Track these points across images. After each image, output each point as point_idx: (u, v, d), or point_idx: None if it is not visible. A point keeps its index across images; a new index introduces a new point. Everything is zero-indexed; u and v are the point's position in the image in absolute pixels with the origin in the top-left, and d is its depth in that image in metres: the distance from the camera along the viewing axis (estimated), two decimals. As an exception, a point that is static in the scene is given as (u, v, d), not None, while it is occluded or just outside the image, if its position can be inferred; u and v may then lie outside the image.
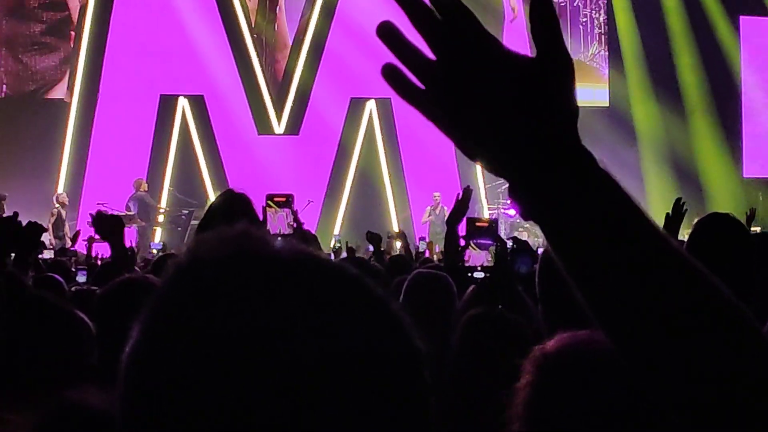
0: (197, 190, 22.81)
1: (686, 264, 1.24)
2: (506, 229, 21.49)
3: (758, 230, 11.94)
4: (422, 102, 1.27)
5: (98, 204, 21.05)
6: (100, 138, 23.12)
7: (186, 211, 21.72)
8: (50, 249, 16.33)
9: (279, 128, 24.38)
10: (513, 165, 1.26)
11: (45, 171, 22.30)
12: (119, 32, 23.55)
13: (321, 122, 24.36)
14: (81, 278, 8.55)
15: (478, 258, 4.89)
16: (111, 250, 5.53)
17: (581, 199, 1.24)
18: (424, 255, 13.93)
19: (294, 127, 24.45)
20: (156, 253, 14.81)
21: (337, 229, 23.20)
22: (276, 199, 4.92)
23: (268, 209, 4.90)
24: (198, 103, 23.99)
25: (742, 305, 1.23)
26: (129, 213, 20.94)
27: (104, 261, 14.18)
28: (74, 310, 3.28)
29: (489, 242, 4.91)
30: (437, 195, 23.14)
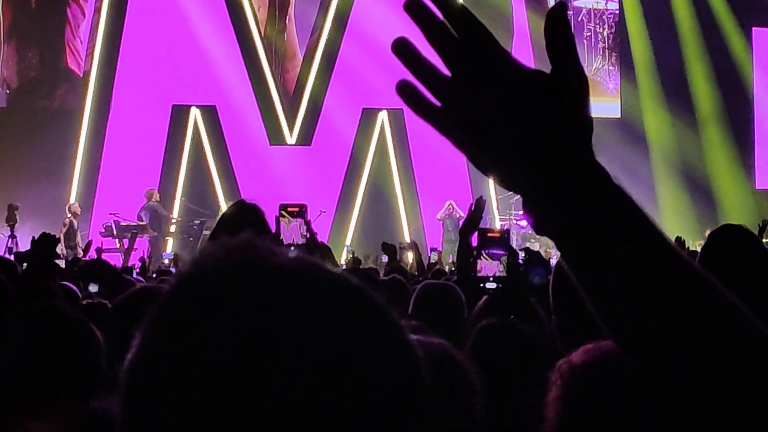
0: (209, 201, 22.84)
1: (699, 278, 1.24)
2: (518, 240, 21.48)
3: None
4: (437, 118, 1.27)
5: (110, 214, 21.12)
6: (113, 148, 23.16)
7: (198, 221, 21.74)
8: (62, 259, 16.37)
9: (291, 139, 24.41)
10: (527, 180, 1.27)
11: (57, 181, 22.32)
12: (132, 42, 23.61)
13: (333, 133, 24.38)
14: (93, 288, 8.53)
15: (490, 268, 4.89)
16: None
17: (594, 215, 1.25)
18: (436, 266, 13.92)
19: (306, 138, 24.48)
20: (168, 263, 14.82)
21: (349, 240, 23.21)
22: (289, 209, 4.91)
23: (282, 219, 4.89)
24: (210, 114, 24.03)
25: (757, 320, 1.23)
26: (141, 223, 20.97)
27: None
28: (86, 321, 3.29)
29: (501, 252, 4.90)
30: (451, 203, 23.15)
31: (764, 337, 1.22)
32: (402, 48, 1.28)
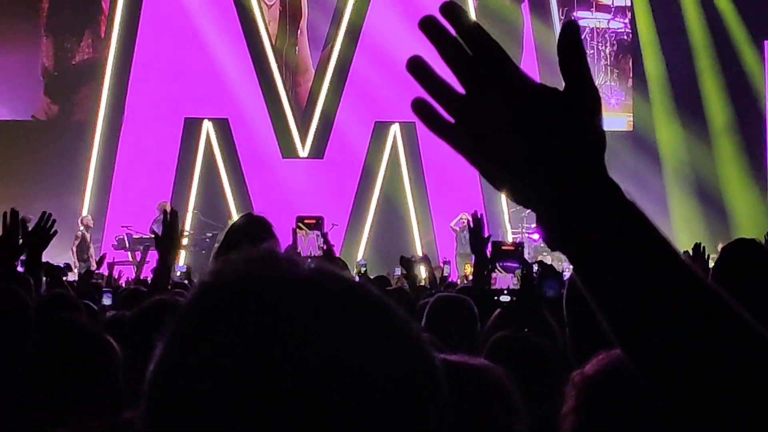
0: (221, 213, 22.85)
1: (713, 295, 1.25)
2: (530, 253, 21.44)
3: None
4: (451, 134, 1.29)
5: (123, 227, 21.16)
6: (125, 160, 23.21)
7: (210, 234, 21.75)
8: (75, 272, 16.41)
9: (303, 152, 24.43)
10: (540, 196, 1.28)
11: (70, 193, 22.36)
12: (144, 55, 23.66)
13: (345, 146, 24.39)
14: (106, 301, 8.58)
15: (504, 281, 4.90)
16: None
17: (607, 230, 1.26)
18: (448, 279, 13.93)
19: (318, 151, 24.50)
20: (180, 276, 14.83)
21: (361, 253, 23.20)
22: (306, 222, 4.92)
23: (298, 231, 4.90)
24: (222, 126, 24.06)
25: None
26: (153, 236, 20.97)
27: (128, 283, 14.25)
28: (103, 333, 3.30)
29: (515, 265, 4.92)
30: (465, 216, 23.12)
31: None
32: (416, 66, 1.29)
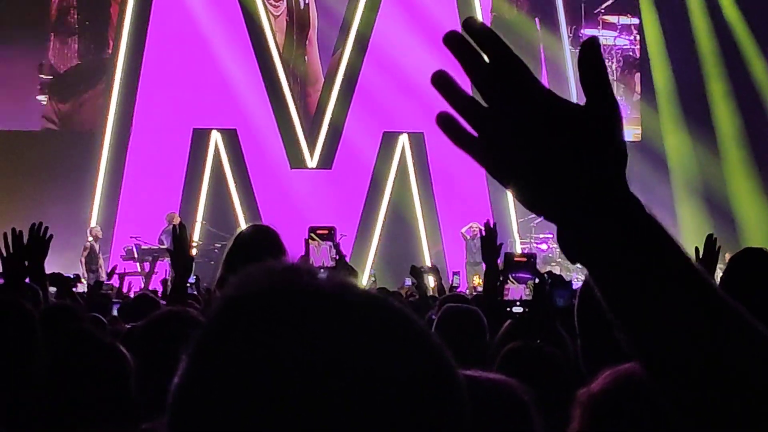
0: (230, 224, 22.80)
1: (729, 307, 1.26)
2: (538, 264, 21.39)
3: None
4: (475, 148, 1.29)
5: (131, 237, 21.18)
6: (133, 171, 23.24)
7: (219, 245, 21.69)
8: (84, 282, 16.41)
9: (311, 162, 24.43)
10: (563, 209, 1.29)
11: (78, 204, 22.40)
12: (152, 66, 23.70)
13: (353, 156, 24.39)
14: (116, 312, 8.59)
15: (517, 292, 4.90)
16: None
17: (628, 245, 1.27)
18: (457, 289, 13.92)
19: (326, 161, 24.51)
20: (190, 286, 14.80)
21: (369, 264, 23.20)
22: (318, 232, 4.91)
23: (311, 242, 4.90)
24: (231, 137, 24.08)
25: None
26: (162, 246, 20.99)
27: (137, 294, 14.24)
28: (116, 344, 3.30)
29: (527, 276, 4.91)
30: (476, 225, 23.12)
31: None
32: (440, 80, 1.30)
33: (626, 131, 21.32)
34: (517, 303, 4.81)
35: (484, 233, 6.39)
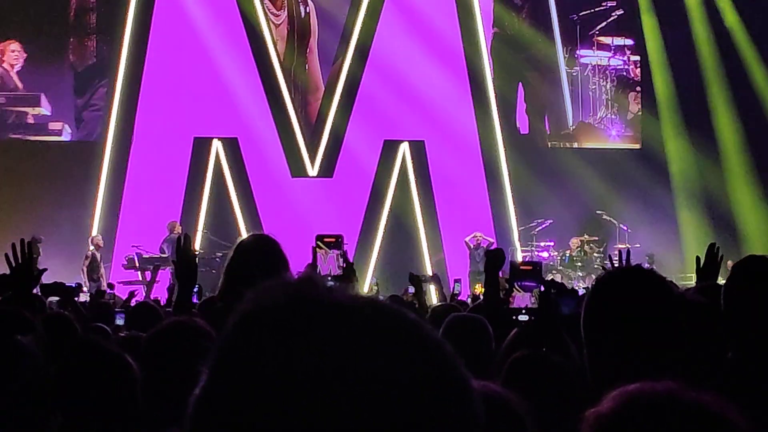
0: (231, 233, 22.79)
1: None
2: (540, 272, 21.40)
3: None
4: None
5: (133, 246, 21.18)
6: (135, 180, 23.24)
7: (220, 254, 21.70)
8: (86, 291, 16.39)
9: (312, 171, 24.44)
10: None
11: (80, 213, 22.41)
12: (153, 75, 23.72)
13: (354, 165, 24.40)
14: (119, 321, 8.59)
15: (522, 300, 4.90)
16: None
17: None
18: (458, 297, 13.89)
19: (327, 170, 24.51)
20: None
21: (371, 272, 23.20)
22: (326, 240, 4.90)
23: (318, 250, 4.89)
24: (232, 146, 24.09)
25: None
26: (163, 255, 21.00)
27: (138, 303, 14.22)
28: (122, 354, 3.30)
29: (533, 284, 4.92)
30: (478, 235, 23.14)
31: None
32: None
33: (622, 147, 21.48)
34: (523, 311, 4.81)
35: (490, 253, 6.37)
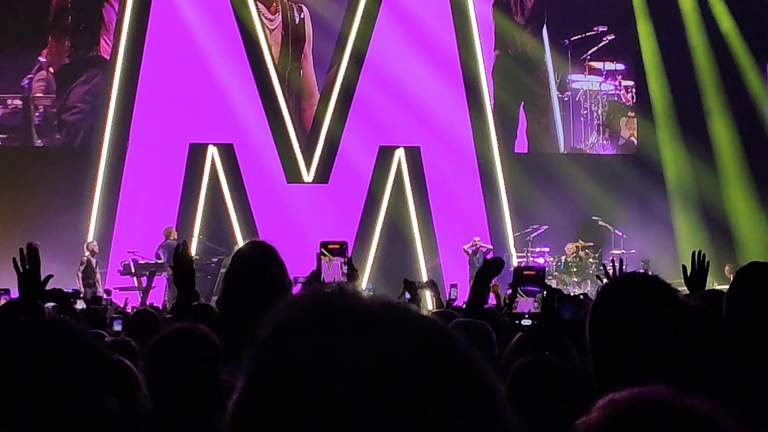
0: (226, 239, 22.85)
1: None
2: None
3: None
4: None
5: (128, 252, 21.16)
6: (130, 186, 23.23)
7: (216, 259, 21.74)
8: (81, 299, 16.35)
9: (308, 176, 24.44)
10: None
11: (75, 219, 22.39)
12: (149, 80, 23.72)
13: (350, 170, 24.41)
14: (117, 327, 8.55)
15: (526, 305, 4.91)
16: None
17: None
18: (454, 302, 13.86)
19: (323, 176, 24.52)
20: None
21: (366, 278, 23.18)
22: (330, 247, 4.90)
23: (323, 257, 4.89)
24: (227, 152, 24.09)
25: None
26: (159, 261, 20.99)
27: (135, 309, 14.22)
28: (122, 359, 3.28)
29: (536, 289, 4.93)
30: (476, 239, 23.15)
31: None
32: None
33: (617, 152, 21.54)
34: (526, 316, 4.82)
35: (489, 260, 6.37)
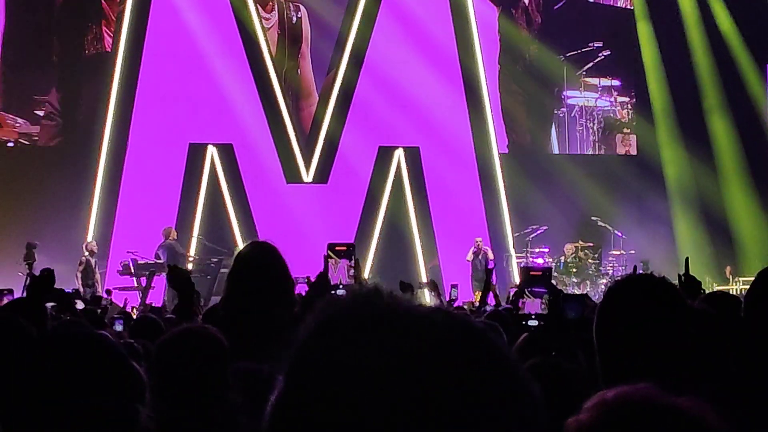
0: (226, 239, 22.86)
1: None
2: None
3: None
4: None
5: (128, 252, 21.14)
6: (130, 186, 23.21)
7: (215, 259, 21.74)
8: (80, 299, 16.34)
9: (307, 177, 24.44)
10: None
11: (75, 219, 22.38)
12: (148, 81, 23.70)
13: (349, 171, 24.42)
14: (118, 327, 8.56)
15: (533, 306, 4.91)
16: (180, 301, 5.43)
17: None
18: (455, 303, 13.87)
19: (322, 176, 24.52)
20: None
21: (366, 278, 23.17)
22: (337, 249, 4.89)
23: (330, 260, 4.88)
24: (227, 152, 24.09)
25: None
26: (159, 261, 20.97)
27: (137, 313, 14.22)
28: (128, 358, 3.27)
29: (543, 290, 4.93)
30: (479, 240, 23.15)
31: None
32: None
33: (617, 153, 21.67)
34: (533, 316, 4.82)
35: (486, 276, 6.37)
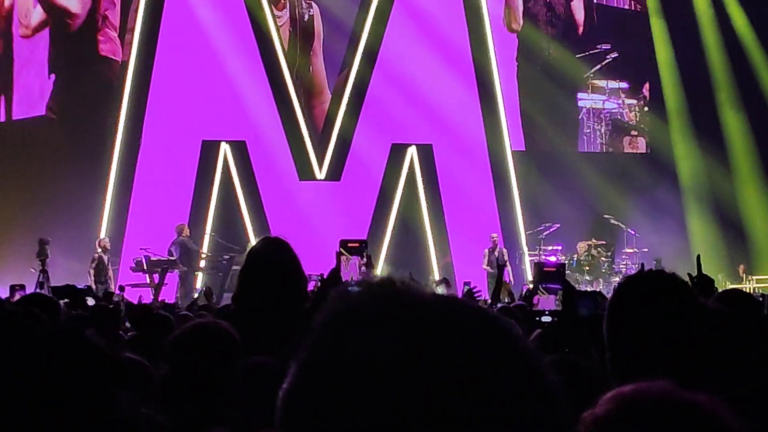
0: (238, 236, 22.87)
1: None
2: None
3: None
4: None
5: (141, 249, 21.17)
6: (143, 183, 23.25)
7: (227, 256, 21.75)
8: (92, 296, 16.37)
9: (320, 174, 24.44)
10: None
11: (88, 216, 22.41)
12: (162, 78, 23.73)
13: (362, 168, 24.40)
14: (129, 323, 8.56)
15: (547, 302, 4.90)
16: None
17: None
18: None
19: (335, 173, 24.51)
20: (199, 298, 14.80)
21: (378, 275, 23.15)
22: (349, 246, 4.90)
23: (341, 257, 4.88)
24: (240, 149, 24.10)
25: None
26: (171, 258, 21.00)
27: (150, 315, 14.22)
28: (136, 357, 3.28)
29: (557, 287, 4.91)
30: (494, 236, 23.11)
31: None
32: None
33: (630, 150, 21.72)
34: (546, 313, 4.80)
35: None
